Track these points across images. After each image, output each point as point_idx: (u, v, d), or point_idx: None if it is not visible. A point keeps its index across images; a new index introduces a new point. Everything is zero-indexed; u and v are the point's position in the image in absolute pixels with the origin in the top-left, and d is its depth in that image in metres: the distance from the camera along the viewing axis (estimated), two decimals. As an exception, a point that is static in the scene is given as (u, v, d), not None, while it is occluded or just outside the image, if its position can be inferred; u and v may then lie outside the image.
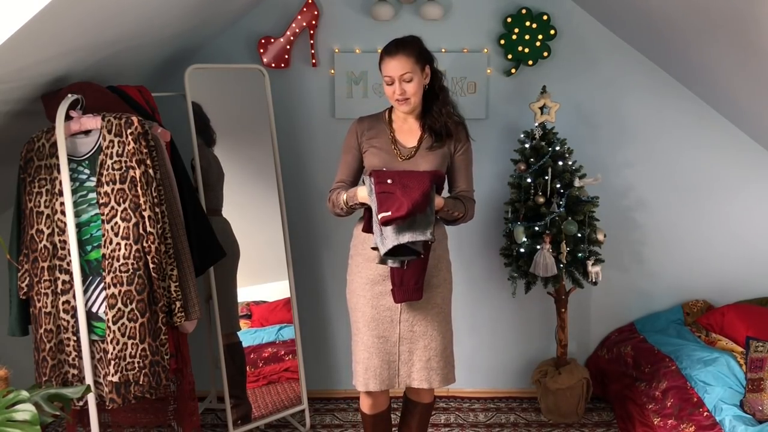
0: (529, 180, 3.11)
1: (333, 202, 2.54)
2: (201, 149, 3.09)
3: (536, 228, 3.08)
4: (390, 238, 2.33)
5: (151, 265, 2.39)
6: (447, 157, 2.53)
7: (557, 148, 3.10)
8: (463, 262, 3.45)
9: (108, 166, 2.38)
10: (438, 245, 2.55)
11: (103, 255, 2.38)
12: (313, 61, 3.38)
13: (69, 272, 2.40)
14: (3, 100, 2.36)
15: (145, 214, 2.37)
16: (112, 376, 2.38)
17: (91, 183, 2.42)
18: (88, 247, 2.43)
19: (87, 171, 2.43)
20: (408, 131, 2.55)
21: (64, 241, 2.40)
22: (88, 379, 2.42)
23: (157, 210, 2.40)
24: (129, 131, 2.37)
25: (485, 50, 3.38)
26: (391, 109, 2.59)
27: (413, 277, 2.43)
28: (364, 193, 2.41)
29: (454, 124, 2.53)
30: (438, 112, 2.50)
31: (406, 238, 2.31)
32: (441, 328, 2.55)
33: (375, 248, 2.41)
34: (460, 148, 2.55)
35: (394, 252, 2.35)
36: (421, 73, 2.45)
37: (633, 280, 3.58)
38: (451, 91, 2.67)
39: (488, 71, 3.40)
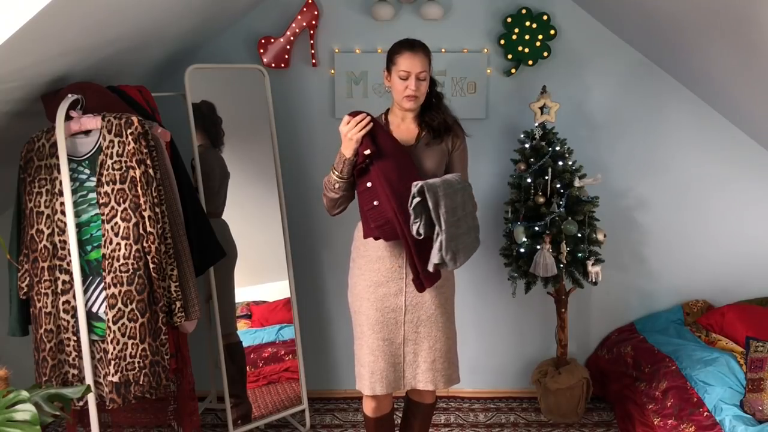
0: (529, 180, 3.11)
1: (325, 185, 2.51)
2: (206, 151, 3.09)
3: (536, 228, 3.08)
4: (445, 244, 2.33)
5: (151, 265, 2.39)
6: (445, 153, 2.55)
7: (557, 148, 3.10)
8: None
9: (108, 166, 2.38)
10: None
11: (103, 255, 2.38)
12: (313, 61, 3.38)
13: (69, 272, 2.40)
14: (3, 100, 2.36)
15: (145, 214, 2.37)
16: (112, 376, 2.38)
17: (91, 183, 2.42)
18: (88, 247, 2.43)
19: (87, 171, 2.43)
20: (405, 131, 2.56)
21: (64, 241, 2.40)
22: (88, 379, 2.42)
23: (157, 210, 2.40)
24: (129, 131, 2.37)
25: (485, 50, 3.38)
26: (387, 113, 2.61)
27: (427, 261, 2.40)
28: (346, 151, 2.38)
29: (452, 120, 2.57)
30: (437, 110, 2.54)
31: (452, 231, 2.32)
32: (445, 329, 2.55)
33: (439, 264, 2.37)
34: (458, 145, 2.57)
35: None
36: (429, 76, 2.51)
37: (633, 280, 3.59)
38: (447, 96, 2.70)
39: (488, 71, 3.40)
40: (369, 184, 2.41)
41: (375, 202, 2.39)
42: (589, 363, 3.61)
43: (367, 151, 2.38)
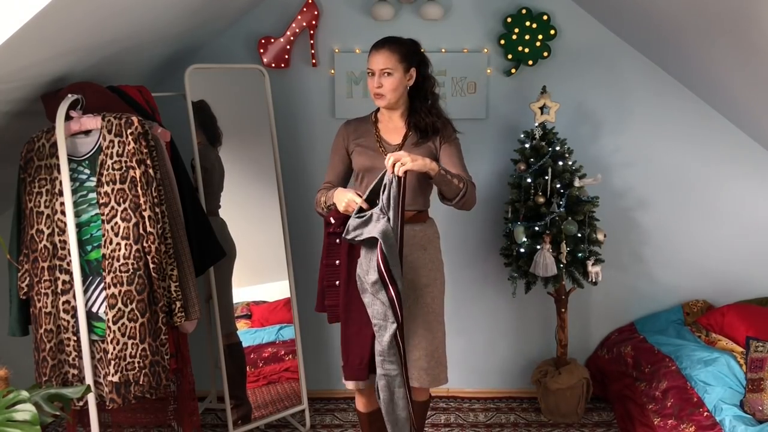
0: (529, 180, 3.11)
1: (317, 201, 2.58)
2: (205, 149, 3.09)
3: (536, 228, 3.08)
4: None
5: (151, 265, 2.39)
6: (433, 153, 2.53)
7: (557, 148, 3.11)
8: (462, 262, 3.45)
9: (108, 166, 2.38)
10: (429, 244, 2.55)
11: (103, 255, 2.38)
12: (313, 61, 3.38)
13: (69, 272, 2.40)
14: (3, 100, 2.36)
15: (145, 214, 2.37)
16: (112, 376, 2.38)
17: (91, 183, 2.42)
18: (88, 247, 2.43)
19: (87, 171, 2.43)
20: (393, 129, 2.57)
21: (64, 241, 2.40)
22: (88, 379, 2.42)
23: (157, 210, 2.40)
24: (129, 131, 2.37)
25: (485, 50, 3.38)
26: (377, 111, 2.62)
27: (358, 356, 2.43)
28: (340, 196, 2.40)
29: (442, 124, 2.55)
30: (426, 112, 2.52)
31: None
32: (431, 328, 2.54)
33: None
34: (445, 140, 2.55)
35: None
36: (403, 72, 2.47)
37: (633, 280, 3.58)
38: (445, 96, 2.67)
39: (488, 71, 3.40)
40: (337, 262, 2.43)
41: (337, 282, 2.43)
42: (589, 363, 3.61)
43: (332, 221, 2.42)
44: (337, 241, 2.44)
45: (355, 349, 2.44)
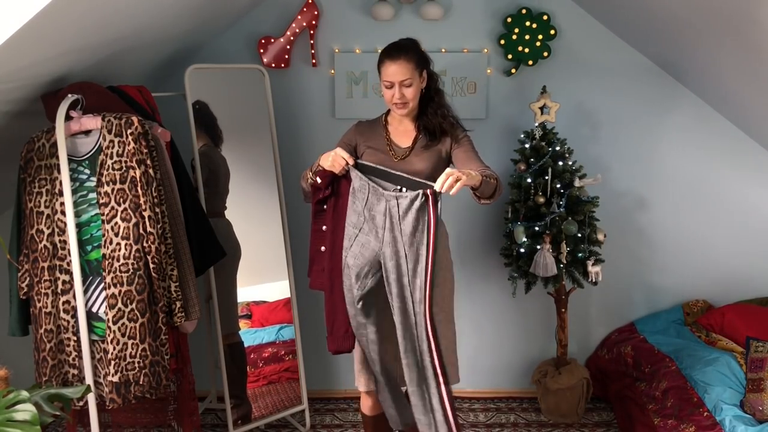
0: (529, 180, 3.11)
1: (303, 176, 2.57)
2: (210, 151, 3.09)
3: (536, 228, 3.08)
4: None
5: (151, 265, 2.39)
6: (442, 155, 2.53)
7: (557, 148, 3.11)
8: (463, 262, 3.44)
9: (108, 166, 2.38)
10: (438, 244, 2.55)
11: (103, 255, 2.38)
12: (313, 61, 3.38)
13: (69, 272, 2.40)
14: (3, 100, 2.36)
15: (145, 214, 2.37)
16: (113, 376, 2.38)
17: (92, 183, 2.42)
18: (89, 247, 2.43)
19: (87, 171, 2.43)
20: (403, 132, 2.57)
21: (64, 241, 2.40)
22: (88, 379, 2.42)
23: (157, 210, 2.40)
24: (129, 131, 2.37)
25: (485, 50, 3.38)
26: (387, 113, 2.62)
27: (343, 324, 2.48)
28: (325, 154, 2.44)
29: (449, 125, 2.54)
30: (433, 113, 2.52)
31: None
32: (442, 328, 2.54)
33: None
34: (456, 142, 2.54)
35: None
36: (419, 78, 2.48)
37: (633, 280, 3.58)
38: (448, 94, 2.67)
39: (488, 71, 3.40)
40: (324, 228, 2.48)
41: (322, 248, 2.48)
42: (589, 363, 3.61)
43: (319, 180, 2.45)
44: (324, 207, 2.49)
45: (340, 316, 2.48)
